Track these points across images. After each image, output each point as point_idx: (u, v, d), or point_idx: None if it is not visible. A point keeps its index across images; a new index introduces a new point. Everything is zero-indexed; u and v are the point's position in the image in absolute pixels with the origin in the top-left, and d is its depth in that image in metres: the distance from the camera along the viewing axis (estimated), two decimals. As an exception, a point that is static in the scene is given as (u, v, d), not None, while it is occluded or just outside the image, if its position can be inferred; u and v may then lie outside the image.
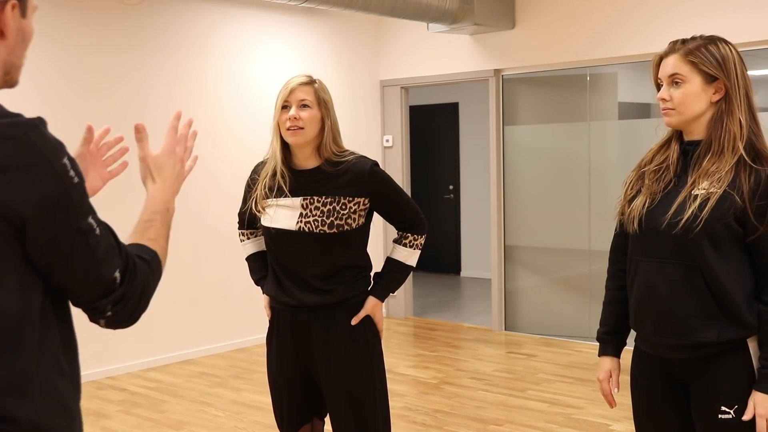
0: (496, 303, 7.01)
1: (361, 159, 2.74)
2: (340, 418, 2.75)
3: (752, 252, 2.13)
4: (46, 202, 1.23)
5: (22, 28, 1.36)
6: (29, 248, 1.25)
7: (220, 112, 6.40)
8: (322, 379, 2.75)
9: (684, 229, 2.12)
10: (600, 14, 6.20)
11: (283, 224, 2.71)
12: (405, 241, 2.82)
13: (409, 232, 2.82)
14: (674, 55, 2.19)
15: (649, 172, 2.27)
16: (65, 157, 1.26)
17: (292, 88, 2.67)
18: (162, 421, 4.72)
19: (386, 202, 2.78)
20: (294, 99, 2.67)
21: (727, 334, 2.12)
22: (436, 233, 9.94)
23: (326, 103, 2.71)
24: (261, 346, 6.43)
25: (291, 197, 2.71)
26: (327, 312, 2.73)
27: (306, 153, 2.74)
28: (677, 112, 2.20)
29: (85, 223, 1.28)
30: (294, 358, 2.79)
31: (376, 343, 2.82)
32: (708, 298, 2.12)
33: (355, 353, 2.74)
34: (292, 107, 2.67)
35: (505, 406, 4.92)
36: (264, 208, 2.77)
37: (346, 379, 2.73)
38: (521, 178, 6.91)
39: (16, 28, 1.35)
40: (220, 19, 6.38)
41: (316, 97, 2.68)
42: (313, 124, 2.67)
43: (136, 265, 1.37)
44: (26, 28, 1.38)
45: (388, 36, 7.54)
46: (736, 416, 2.12)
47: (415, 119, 8.38)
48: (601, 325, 2.48)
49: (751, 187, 2.08)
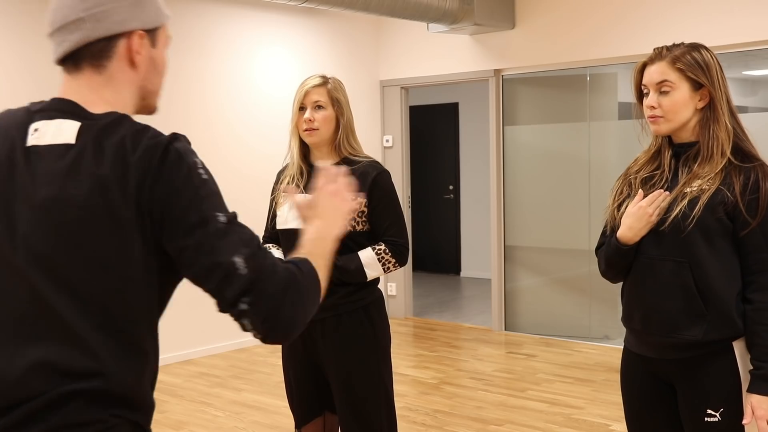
0: (496, 303, 7.01)
1: (374, 163, 2.81)
2: (345, 413, 2.78)
3: (741, 248, 2.14)
4: (178, 193, 1.34)
5: (153, 57, 1.49)
6: (164, 239, 1.36)
7: (220, 112, 6.40)
8: (329, 375, 2.79)
9: (673, 225, 2.14)
10: (600, 14, 6.20)
11: (294, 224, 2.74)
12: (377, 248, 2.74)
13: (386, 245, 2.74)
14: (661, 62, 2.20)
15: (637, 182, 2.28)
16: (197, 158, 1.39)
17: (307, 91, 2.77)
18: (162, 421, 4.72)
19: (379, 209, 2.75)
20: (309, 101, 2.76)
21: (714, 334, 2.13)
22: (436, 233, 9.95)
23: (340, 102, 2.79)
24: (261, 346, 6.43)
25: (305, 193, 2.74)
26: (334, 312, 2.74)
27: (324, 151, 2.82)
28: (666, 120, 2.21)
29: (210, 214, 1.35)
30: (303, 352, 2.83)
31: (385, 341, 2.83)
32: (695, 296, 2.13)
33: (362, 351, 2.76)
34: (307, 109, 2.75)
35: (505, 406, 4.92)
36: (280, 207, 2.82)
37: (351, 376, 2.75)
38: (521, 178, 6.91)
39: (147, 57, 1.48)
40: (220, 19, 6.38)
41: (329, 98, 2.78)
42: (327, 124, 2.77)
43: (267, 257, 1.36)
44: (158, 57, 1.50)
45: (388, 36, 7.54)
46: (722, 419, 2.13)
47: (415, 119, 8.38)
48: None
49: (742, 183, 2.11)
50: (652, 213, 2.16)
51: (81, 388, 1.33)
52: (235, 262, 1.32)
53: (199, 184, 1.36)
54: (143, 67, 1.48)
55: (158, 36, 1.50)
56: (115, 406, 1.35)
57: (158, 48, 1.50)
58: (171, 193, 1.34)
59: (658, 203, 2.16)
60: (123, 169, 1.34)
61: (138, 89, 1.49)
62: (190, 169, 1.36)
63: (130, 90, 1.48)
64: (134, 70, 1.47)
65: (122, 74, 1.46)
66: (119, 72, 1.45)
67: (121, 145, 1.36)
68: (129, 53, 1.45)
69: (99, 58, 1.44)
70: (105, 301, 1.35)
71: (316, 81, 2.78)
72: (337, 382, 2.77)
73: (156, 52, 1.50)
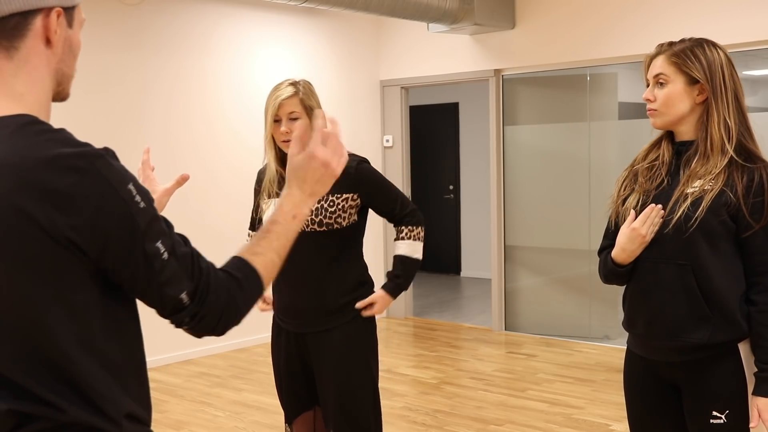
0: (496, 303, 7.01)
1: (350, 154, 2.81)
2: (332, 407, 2.79)
3: (744, 249, 2.13)
4: (111, 229, 1.26)
5: (69, 38, 1.38)
6: (101, 267, 1.29)
7: (220, 112, 6.40)
8: (317, 369, 2.82)
9: (676, 228, 2.13)
10: (600, 14, 6.20)
11: None
12: (402, 234, 2.88)
13: (404, 225, 2.87)
14: (661, 56, 2.21)
15: (642, 170, 2.28)
16: (130, 183, 1.29)
17: (281, 103, 2.74)
18: (162, 421, 4.72)
19: (375, 196, 2.83)
20: (283, 113, 2.75)
21: (719, 336, 2.12)
22: (436, 233, 9.95)
23: (312, 109, 2.78)
24: (261, 346, 6.44)
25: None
26: (322, 315, 2.79)
27: None
28: (660, 113, 2.21)
29: (151, 246, 1.30)
30: (291, 347, 2.87)
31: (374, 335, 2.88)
32: (699, 299, 2.12)
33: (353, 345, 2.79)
34: (282, 120, 2.75)
35: (505, 406, 4.92)
36: (264, 213, 2.86)
37: (341, 370, 2.78)
38: (521, 178, 6.91)
39: (63, 37, 1.36)
40: (220, 19, 6.38)
41: (303, 107, 2.76)
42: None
43: (210, 285, 1.38)
44: (73, 38, 1.39)
45: (388, 36, 7.54)
46: (727, 420, 2.12)
47: (415, 119, 8.38)
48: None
49: (745, 185, 2.09)
50: (646, 233, 2.16)
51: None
52: (182, 299, 1.35)
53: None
54: (59, 49, 1.36)
55: (74, 16, 1.39)
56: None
57: (74, 29, 1.39)
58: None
59: (652, 220, 2.16)
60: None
61: (54, 72, 1.37)
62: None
63: (47, 73, 1.35)
64: (50, 51, 1.35)
65: (37, 56, 1.33)
66: (34, 54, 1.33)
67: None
68: (46, 32, 1.33)
69: (11, 37, 1.31)
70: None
71: (288, 92, 2.75)
72: (326, 376, 2.79)
73: (72, 32, 1.38)
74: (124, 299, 1.36)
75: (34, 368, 1.27)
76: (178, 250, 1.35)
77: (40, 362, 1.27)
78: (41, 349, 1.26)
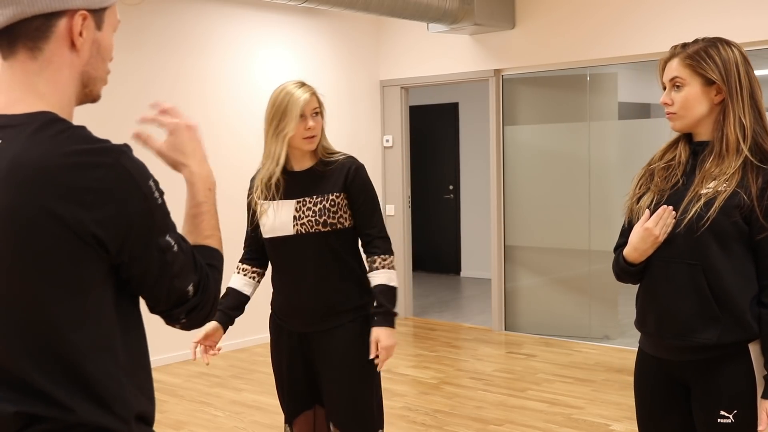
0: (496, 303, 7.01)
1: (350, 158, 2.86)
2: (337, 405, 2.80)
3: (756, 251, 2.12)
4: (133, 222, 1.29)
5: (97, 40, 1.36)
6: (115, 263, 1.30)
7: (220, 112, 6.40)
8: (320, 367, 2.82)
9: (688, 228, 2.12)
10: (600, 14, 6.20)
11: (282, 232, 2.79)
12: (375, 264, 2.80)
13: (376, 255, 2.81)
14: (675, 59, 2.20)
15: (659, 169, 2.27)
16: (150, 179, 1.31)
17: (307, 99, 2.74)
18: (162, 421, 4.72)
19: (357, 203, 2.80)
20: (309, 109, 2.75)
21: (728, 336, 2.11)
22: (436, 233, 9.95)
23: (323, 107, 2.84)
24: (261, 346, 6.43)
25: (285, 200, 2.79)
26: (326, 314, 2.79)
27: (306, 156, 2.84)
28: (679, 116, 2.20)
29: (164, 240, 1.33)
30: (294, 346, 2.86)
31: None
32: (709, 299, 2.11)
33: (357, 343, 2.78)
34: (308, 116, 2.75)
35: (505, 406, 4.92)
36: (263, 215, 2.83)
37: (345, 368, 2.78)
38: (521, 178, 6.91)
39: (90, 40, 1.35)
40: (220, 19, 6.38)
41: (320, 103, 2.81)
42: (321, 129, 2.82)
43: (209, 276, 1.42)
44: (103, 40, 1.37)
45: (388, 36, 7.54)
46: (735, 421, 2.11)
47: (415, 119, 8.38)
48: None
49: (759, 186, 2.08)
50: (659, 233, 2.15)
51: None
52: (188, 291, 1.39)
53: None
54: (86, 52, 1.35)
55: (105, 18, 1.37)
56: None
57: (104, 31, 1.37)
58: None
59: (665, 220, 2.15)
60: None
61: (79, 75, 1.36)
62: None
63: (70, 75, 1.34)
64: (75, 54, 1.33)
65: (60, 58, 1.32)
66: (57, 56, 1.32)
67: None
68: (70, 34, 1.32)
69: (35, 38, 1.30)
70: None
71: (311, 88, 2.79)
72: (331, 373, 2.79)
73: (102, 35, 1.37)
74: (131, 299, 1.38)
75: (46, 364, 1.26)
76: (183, 244, 1.38)
77: (51, 358, 1.27)
78: (53, 346, 1.27)
